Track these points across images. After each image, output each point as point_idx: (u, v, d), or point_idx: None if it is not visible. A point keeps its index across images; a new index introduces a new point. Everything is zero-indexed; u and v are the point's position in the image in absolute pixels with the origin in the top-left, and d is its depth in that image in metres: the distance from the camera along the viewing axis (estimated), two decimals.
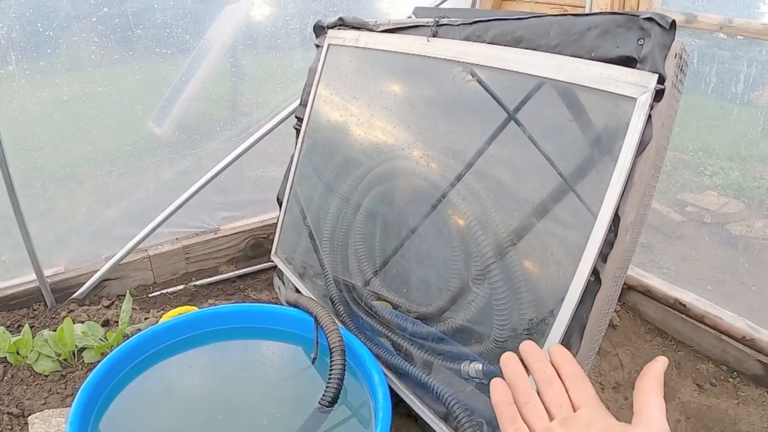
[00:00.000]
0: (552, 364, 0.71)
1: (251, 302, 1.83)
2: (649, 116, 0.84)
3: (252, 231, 2.02)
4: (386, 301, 1.32)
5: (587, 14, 0.94)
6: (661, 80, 0.83)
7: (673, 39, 0.84)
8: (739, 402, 1.55)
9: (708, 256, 2.16)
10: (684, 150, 2.02)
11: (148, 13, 1.58)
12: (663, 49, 0.85)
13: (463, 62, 1.11)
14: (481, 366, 1.07)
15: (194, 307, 1.33)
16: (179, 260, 1.89)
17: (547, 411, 0.66)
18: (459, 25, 1.16)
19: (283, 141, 1.88)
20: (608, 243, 0.86)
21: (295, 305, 1.36)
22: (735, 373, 1.65)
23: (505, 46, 1.03)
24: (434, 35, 1.19)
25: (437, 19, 1.21)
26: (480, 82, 1.10)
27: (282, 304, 1.49)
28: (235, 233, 1.99)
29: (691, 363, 1.69)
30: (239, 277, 1.98)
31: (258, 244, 2.04)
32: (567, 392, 0.67)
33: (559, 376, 0.69)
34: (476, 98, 1.12)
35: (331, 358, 1.13)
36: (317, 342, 1.25)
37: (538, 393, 0.68)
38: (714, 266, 2.05)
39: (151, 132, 1.77)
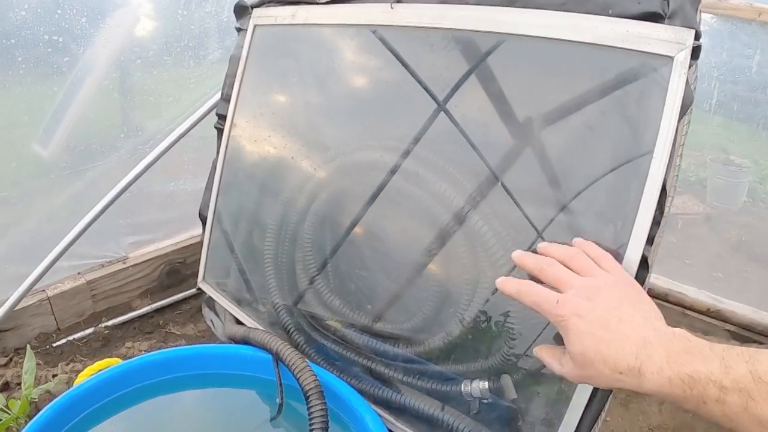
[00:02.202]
0: None
1: (176, 340, 1.55)
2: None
3: (166, 256, 1.74)
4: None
5: None
6: (697, 36, 0.72)
7: None
8: None
9: None
10: None
11: (24, 30, 1.31)
12: (695, 1, 0.73)
13: (442, 28, 0.93)
14: (486, 384, 0.91)
15: (117, 359, 1.05)
16: (84, 299, 1.58)
17: None
18: None
19: (198, 147, 1.62)
20: (655, 222, 0.73)
21: (245, 341, 1.12)
22: None
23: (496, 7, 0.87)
24: (398, 0, 0.99)
25: None
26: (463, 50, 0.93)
27: (221, 342, 1.25)
28: (147, 260, 1.69)
29: None
30: (157, 311, 1.69)
31: (174, 270, 1.76)
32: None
33: None
34: (454, 75, 0.94)
35: (308, 404, 0.91)
36: (281, 384, 1.02)
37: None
38: None
39: (36, 154, 1.48)
